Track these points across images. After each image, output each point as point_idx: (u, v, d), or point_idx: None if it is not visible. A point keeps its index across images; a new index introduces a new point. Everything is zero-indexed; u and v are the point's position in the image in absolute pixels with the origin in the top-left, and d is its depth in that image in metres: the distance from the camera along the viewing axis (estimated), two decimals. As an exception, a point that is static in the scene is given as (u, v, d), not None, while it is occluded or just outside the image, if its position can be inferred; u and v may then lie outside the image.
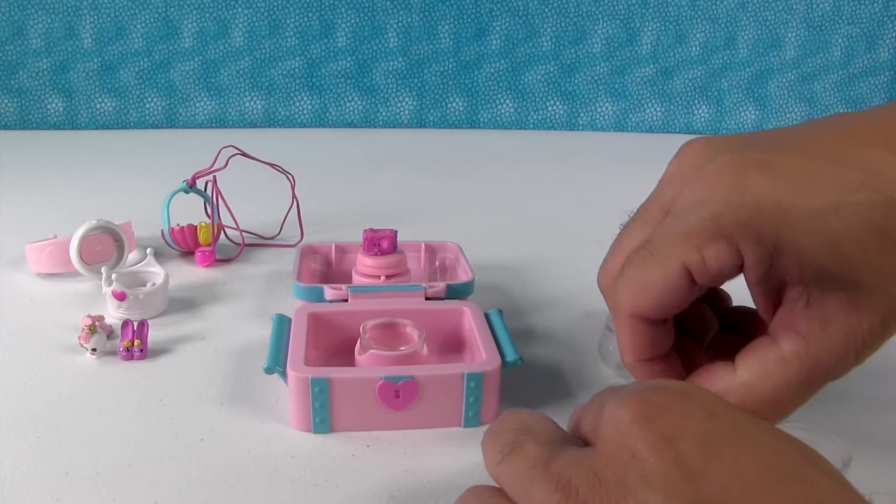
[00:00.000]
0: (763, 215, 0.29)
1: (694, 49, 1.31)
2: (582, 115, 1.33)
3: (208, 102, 1.28)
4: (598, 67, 1.31)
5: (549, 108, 1.33)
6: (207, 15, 1.25)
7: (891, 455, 0.39)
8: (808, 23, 1.29)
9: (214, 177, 0.65)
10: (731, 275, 0.31)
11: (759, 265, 0.30)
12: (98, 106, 1.25)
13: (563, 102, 1.33)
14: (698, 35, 1.30)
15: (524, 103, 1.32)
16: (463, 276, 0.54)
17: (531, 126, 1.34)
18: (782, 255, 0.29)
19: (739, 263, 0.30)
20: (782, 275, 0.30)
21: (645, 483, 0.21)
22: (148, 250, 0.60)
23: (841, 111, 1.33)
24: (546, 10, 1.28)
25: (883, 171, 0.30)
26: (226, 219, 0.68)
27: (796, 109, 1.33)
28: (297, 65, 1.28)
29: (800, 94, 1.33)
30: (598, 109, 1.33)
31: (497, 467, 0.26)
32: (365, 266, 0.52)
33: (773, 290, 0.31)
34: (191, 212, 0.69)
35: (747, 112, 1.33)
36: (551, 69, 1.31)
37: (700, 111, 1.33)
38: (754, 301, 0.32)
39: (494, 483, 0.26)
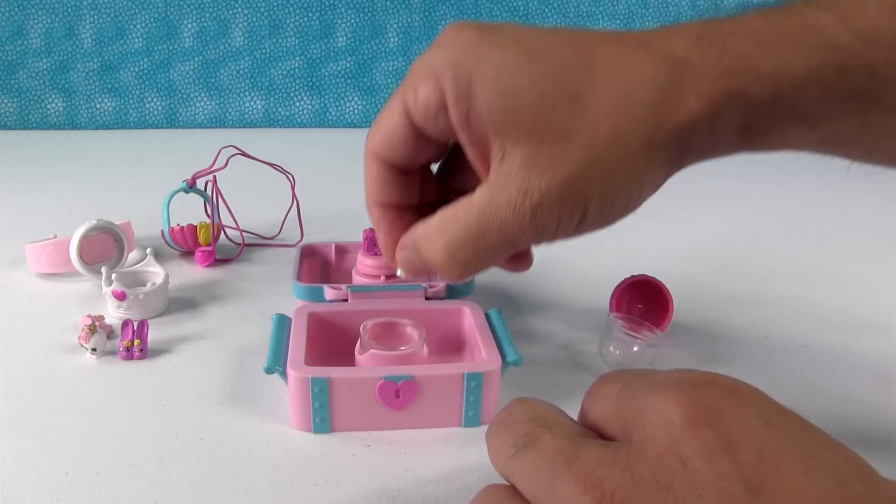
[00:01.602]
0: (464, 57, 0.31)
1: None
2: (582, 115, 1.33)
3: (208, 102, 1.28)
4: (598, 67, 1.31)
5: (549, 108, 1.33)
6: (207, 15, 1.25)
7: (891, 456, 0.39)
8: None
9: (214, 177, 0.65)
10: (438, 115, 0.33)
11: (456, 104, 0.32)
12: (98, 106, 1.25)
13: (563, 102, 1.33)
14: (698, 35, 1.30)
15: (524, 103, 1.32)
16: (463, 276, 0.54)
17: (531, 126, 1.33)
18: (475, 98, 0.31)
19: (444, 102, 0.32)
20: (480, 120, 0.32)
21: (695, 494, 0.20)
22: (148, 250, 0.60)
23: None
24: (546, 10, 1.28)
25: (593, 47, 0.32)
26: (226, 219, 0.68)
27: (796, 109, 1.33)
28: (297, 65, 1.28)
29: (800, 94, 1.33)
30: (598, 109, 1.33)
31: (510, 461, 0.24)
32: (365, 266, 0.52)
33: (479, 142, 0.33)
34: (191, 212, 0.69)
35: (747, 112, 1.34)
36: (551, 69, 1.31)
37: (700, 111, 1.33)
38: (469, 157, 0.34)
39: (500, 478, 0.25)
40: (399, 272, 0.38)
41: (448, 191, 0.40)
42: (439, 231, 0.34)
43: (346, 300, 0.49)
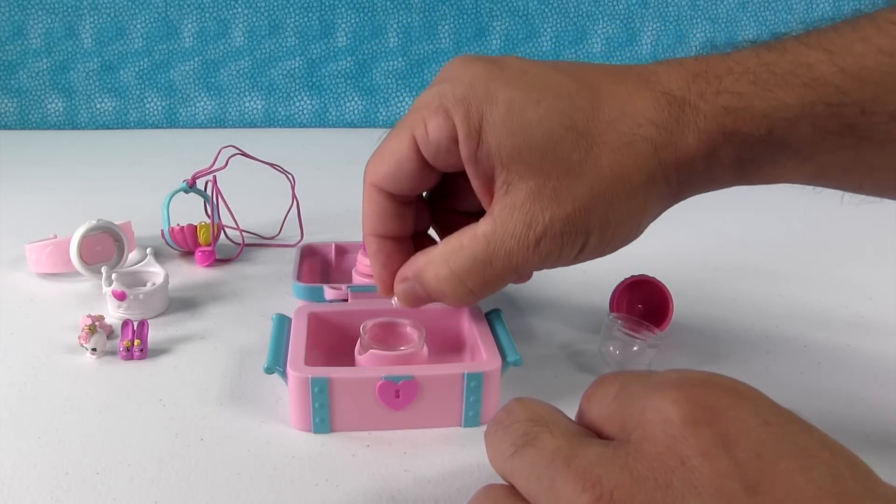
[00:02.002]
0: (474, 94, 0.32)
1: (694, 49, 1.31)
2: (582, 115, 1.33)
3: (208, 102, 1.28)
4: (598, 67, 1.31)
5: (549, 108, 1.33)
6: (207, 15, 1.25)
7: (891, 456, 0.39)
8: (808, 23, 1.29)
9: (214, 177, 0.65)
10: (449, 150, 0.34)
11: (467, 140, 0.33)
12: (98, 106, 1.25)
13: (563, 102, 1.33)
14: (698, 35, 1.30)
15: (524, 103, 1.32)
16: (463, 276, 0.54)
17: (531, 126, 1.33)
18: (486, 134, 0.32)
19: (455, 137, 0.33)
20: (488, 155, 0.33)
21: (694, 493, 0.20)
22: (148, 250, 0.60)
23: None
24: (546, 10, 1.28)
25: (597, 84, 0.33)
26: (226, 219, 0.68)
27: (796, 109, 1.33)
28: (297, 65, 1.28)
29: (800, 94, 1.33)
30: (598, 109, 1.33)
31: (509, 461, 0.24)
32: (365, 266, 0.52)
33: (484, 174, 0.34)
34: (191, 212, 0.69)
35: (747, 112, 1.33)
36: (551, 69, 1.31)
37: (700, 111, 1.33)
38: (475, 189, 0.35)
39: (499, 478, 0.25)
40: (394, 302, 0.40)
41: (443, 212, 0.41)
42: (444, 261, 0.35)
43: (346, 300, 0.49)
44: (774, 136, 0.32)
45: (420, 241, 0.41)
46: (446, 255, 0.35)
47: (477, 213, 0.37)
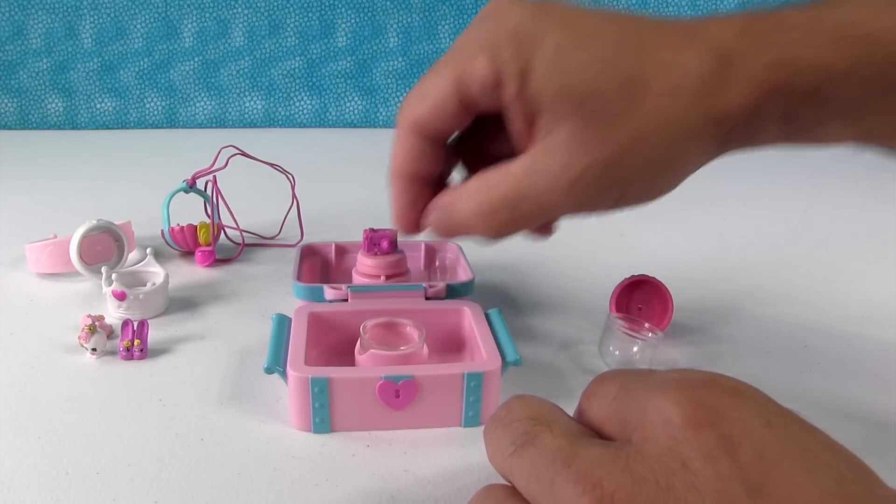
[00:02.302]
0: (520, 37, 0.32)
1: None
2: (582, 115, 1.33)
3: (208, 102, 1.28)
4: (598, 67, 1.31)
5: (549, 108, 1.33)
6: (207, 15, 1.25)
7: (891, 457, 0.39)
8: None
9: (214, 177, 0.65)
10: (493, 90, 0.33)
11: (513, 80, 0.32)
12: (98, 106, 1.25)
13: (563, 102, 1.33)
14: (698, 35, 1.30)
15: (524, 103, 1.32)
16: (463, 276, 0.54)
17: (531, 126, 1.33)
18: (532, 75, 0.31)
19: (500, 78, 0.32)
20: (532, 97, 0.32)
21: (696, 496, 0.19)
22: (148, 250, 0.60)
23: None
24: (546, 10, 1.28)
25: (644, 33, 0.32)
26: (226, 219, 0.68)
27: (796, 109, 1.33)
28: (297, 65, 1.28)
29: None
30: (598, 109, 1.33)
31: (509, 459, 0.24)
32: (365, 266, 0.52)
33: (526, 116, 0.33)
34: (191, 212, 0.69)
35: (747, 112, 1.33)
36: (551, 69, 1.31)
37: (700, 111, 1.33)
38: (512, 130, 0.34)
39: (498, 475, 0.25)
40: (426, 235, 0.39)
41: (471, 154, 0.40)
42: (474, 195, 0.34)
43: (346, 300, 0.49)
44: (822, 94, 0.31)
45: (441, 188, 0.39)
46: (476, 190, 0.34)
47: (506, 157, 0.36)
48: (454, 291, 0.50)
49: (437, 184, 0.39)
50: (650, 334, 0.47)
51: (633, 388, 0.24)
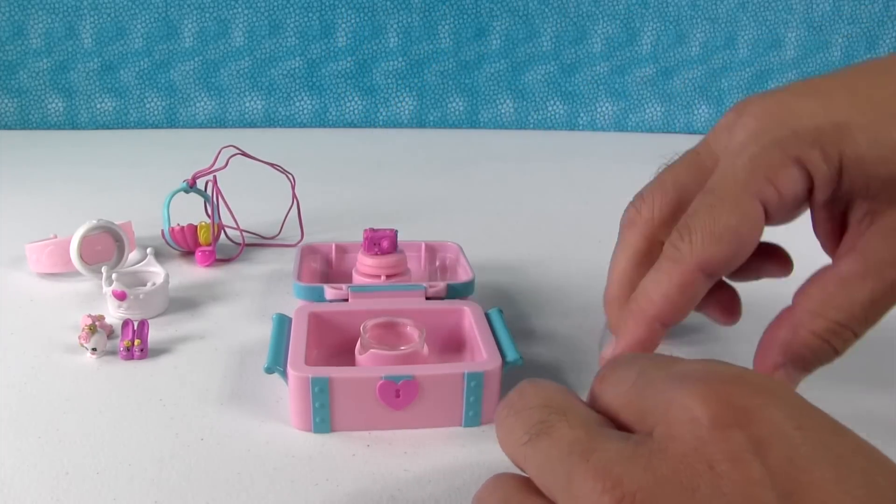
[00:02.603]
0: (823, 134, 0.28)
1: (694, 49, 1.31)
2: (582, 115, 1.33)
3: (208, 102, 1.28)
4: (598, 67, 1.31)
5: (549, 108, 1.33)
6: (207, 15, 1.24)
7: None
8: (808, 23, 1.29)
9: (214, 177, 0.65)
10: (801, 202, 0.30)
11: (828, 184, 0.29)
12: (98, 106, 1.25)
13: (563, 102, 1.33)
14: (698, 35, 1.30)
15: (524, 103, 1.32)
16: (463, 276, 0.54)
17: (531, 126, 1.33)
18: (847, 171, 0.29)
19: (810, 186, 0.29)
20: (848, 193, 0.29)
21: (723, 499, 0.18)
22: (148, 250, 0.60)
23: (841, 111, 1.33)
24: (546, 10, 1.28)
25: None
26: (226, 219, 0.68)
27: (796, 109, 1.33)
28: (297, 65, 1.28)
29: (800, 94, 1.33)
30: (598, 109, 1.33)
31: (523, 448, 0.22)
32: (365, 266, 0.52)
33: (837, 213, 0.30)
34: (191, 212, 0.69)
35: (747, 112, 1.33)
36: (551, 69, 1.31)
37: (700, 111, 1.33)
38: (817, 233, 0.31)
39: (506, 465, 0.24)
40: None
41: None
42: (818, 315, 0.31)
43: (347, 300, 0.49)
44: None
45: None
46: (816, 313, 0.31)
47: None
48: (454, 291, 0.50)
49: None
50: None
51: (652, 376, 0.23)
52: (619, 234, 0.36)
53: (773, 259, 0.38)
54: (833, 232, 0.31)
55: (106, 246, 0.60)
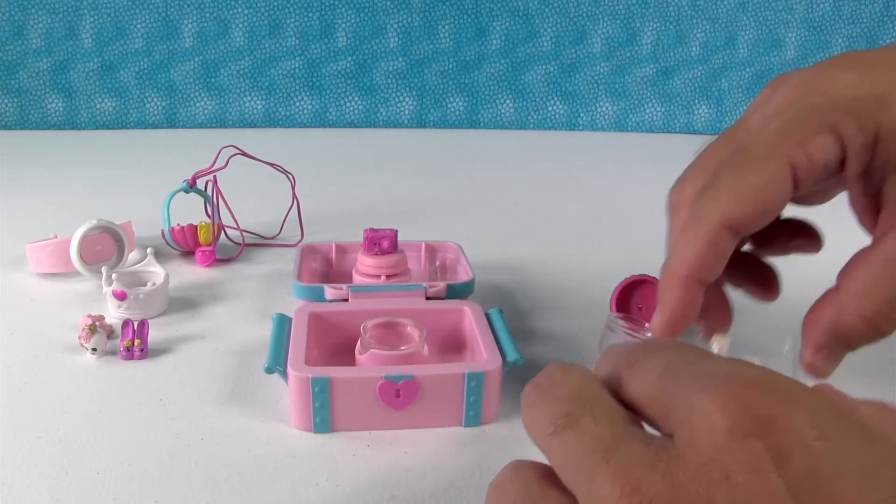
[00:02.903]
0: (860, 103, 0.28)
1: (694, 49, 1.31)
2: (582, 115, 1.33)
3: (208, 102, 1.27)
4: (598, 67, 1.31)
5: (549, 108, 1.33)
6: (207, 15, 1.24)
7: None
8: (808, 23, 1.29)
9: (215, 176, 0.65)
10: (832, 171, 0.29)
11: (862, 154, 0.29)
12: (98, 106, 1.25)
13: (563, 102, 1.33)
14: (698, 35, 1.30)
15: (524, 103, 1.32)
16: (463, 276, 0.54)
17: (531, 126, 1.33)
18: (884, 142, 0.28)
19: (842, 156, 0.29)
20: (884, 163, 0.29)
21: None
22: (148, 250, 0.60)
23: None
24: (546, 10, 1.28)
25: None
26: (226, 219, 0.68)
27: (796, 109, 1.33)
28: (297, 65, 1.28)
29: (800, 94, 1.33)
30: (598, 109, 1.33)
31: (548, 439, 0.22)
32: (365, 266, 0.52)
33: (873, 186, 0.30)
34: (191, 212, 0.69)
35: (747, 112, 1.33)
36: (551, 69, 1.31)
37: (700, 111, 1.33)
38: (854, 208, 0.31)
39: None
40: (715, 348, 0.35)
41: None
42: (865, 296, 0.31)
43: (347, 300, 0.49)
44: None
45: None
46: (864, 294, 0.31)
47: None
48: (454, 291, 0.50)
49: None
50: (650, 334, 0.47)
51: (679, 373, 0.22)
52: (667, 219, 0.36)
53: (803, 234, 0.38)
54: (869, 207, 0.31)
55: (106, 246, 0.60)
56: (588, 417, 0.22)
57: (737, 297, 0.39)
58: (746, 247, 0.37)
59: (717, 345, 0.37)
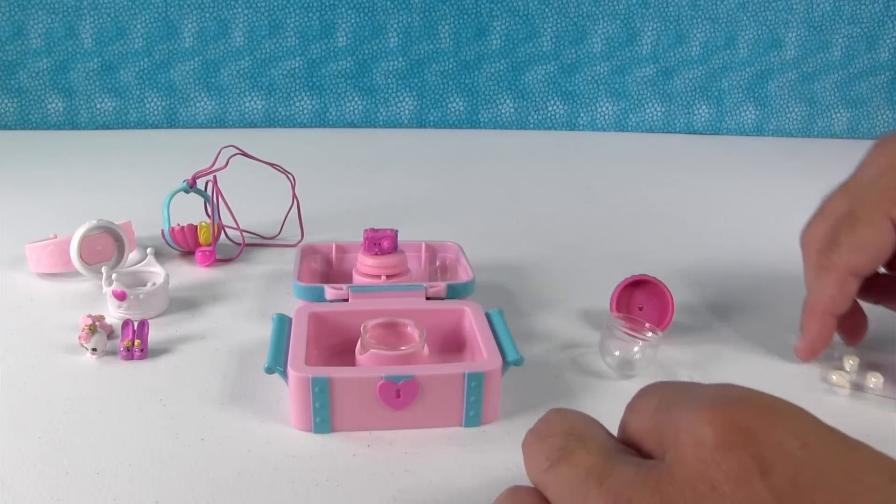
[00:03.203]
0: None
1: (694, 49, 1.31)
2: (582, 115, 1.33)
3: (208, 102, 1.27)
4: (598, 67, 1.31)
5: (550, 108, 1.33)
6: (207, 15, 1.24)
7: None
8: (808, 23, 1.29)
9: (215, 177, 0.65)
10: None
11: None
12: (98, 106, 1.25)
13: (563, 102, 1.33)
14: (698, 35, 1.30)
15: (524, 103, 1.32)
16: (463, 276, 0.54)
17: (531, 126, 1.33)
18: None
19: None
20: None
21: None
22: (148, 250, 0.60)
23: (841, 111, 1.33)
24: (546, 10, 1.28)
25: None
26: (226, 219, 0.68)
27: (796, 109, 1.33)
28: (297, 65, 1.28)
29: (800, 94, 1.33)
30: (599, 109, 1.33)
31: (544, 475, 0.23)
32: (365, 266, 0.52)
33: None
34: (191, 212, 0.69)
35: (747, 112, 1.34)
36: (551, 69, 1.31)
37: (700, 111, 1.33)
38: None
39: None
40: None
41: None
42: None
43: (347, 300, 0.49)
44: None
45: None
46: None
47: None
48: (455, 291, 0.50)
49: None
50: (650, 334, 0.47)
51: (671, 402, 0.23)
52: (802, 254, 0.47)
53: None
54: None
55: (106, 246, 0.60)
56: (581, 449, 0.23)
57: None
58: (882, 270, 0.47)
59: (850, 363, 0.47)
